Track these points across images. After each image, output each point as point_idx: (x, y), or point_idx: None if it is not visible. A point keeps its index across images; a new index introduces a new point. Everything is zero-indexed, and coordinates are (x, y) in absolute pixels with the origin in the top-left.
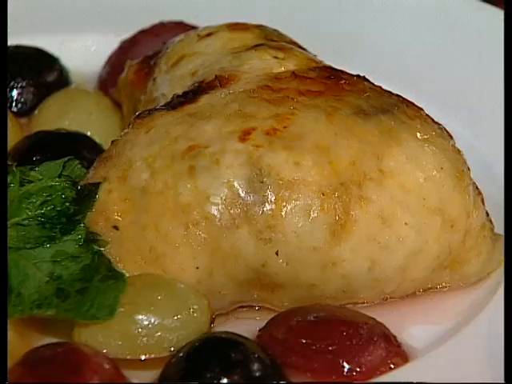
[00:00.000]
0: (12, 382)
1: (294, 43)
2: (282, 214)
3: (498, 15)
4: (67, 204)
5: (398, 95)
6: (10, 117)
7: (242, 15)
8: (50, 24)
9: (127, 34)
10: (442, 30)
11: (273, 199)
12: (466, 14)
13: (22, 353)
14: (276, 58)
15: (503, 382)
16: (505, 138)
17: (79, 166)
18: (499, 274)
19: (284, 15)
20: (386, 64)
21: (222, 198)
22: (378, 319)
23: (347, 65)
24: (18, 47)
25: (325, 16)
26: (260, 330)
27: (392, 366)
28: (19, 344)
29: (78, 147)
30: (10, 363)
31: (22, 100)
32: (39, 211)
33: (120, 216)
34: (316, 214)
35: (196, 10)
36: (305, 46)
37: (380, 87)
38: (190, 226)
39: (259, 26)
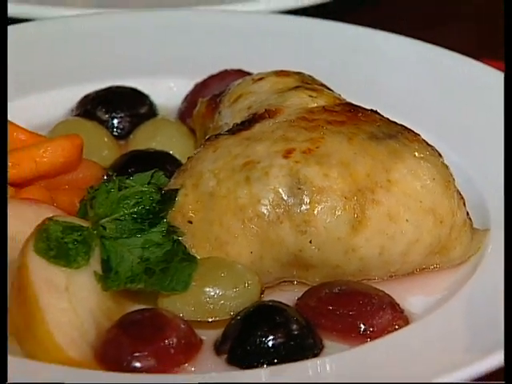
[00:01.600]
0: (109, 340)
1: (324, 85)
2: (315, 212)
3: (479, 67)
4: (154, 204)
5: (401, 125)
6: (111, 139)
7: (286, 65)
8: (142, 70)
9: (200, 78)
10: (434, 79)
11: (308, 201)
12: (451, 65)
13: (118, 317)
14: (310, 96)
15: (479, 338)
16: (505, 141)
17: (163, 176)
18: (476, 258)
19: (317, 66)
20: (393, 102)
21: (269, 201)
22: (386, 291)
23: (363, 102)
24: (118, 87)
25: (347, 68)
26: (298, 299)
27: (396, 327)
28: (116, 310)
29: (162, 162)
30: (108, 325)
31: (121, 127)
32: (132, 209)
33: (193, 213)
34: (340, 213)
35: (251, 60)
36: (332, 88)
37: (388, 118)
38: (245, 221)
39: (298, 73)
